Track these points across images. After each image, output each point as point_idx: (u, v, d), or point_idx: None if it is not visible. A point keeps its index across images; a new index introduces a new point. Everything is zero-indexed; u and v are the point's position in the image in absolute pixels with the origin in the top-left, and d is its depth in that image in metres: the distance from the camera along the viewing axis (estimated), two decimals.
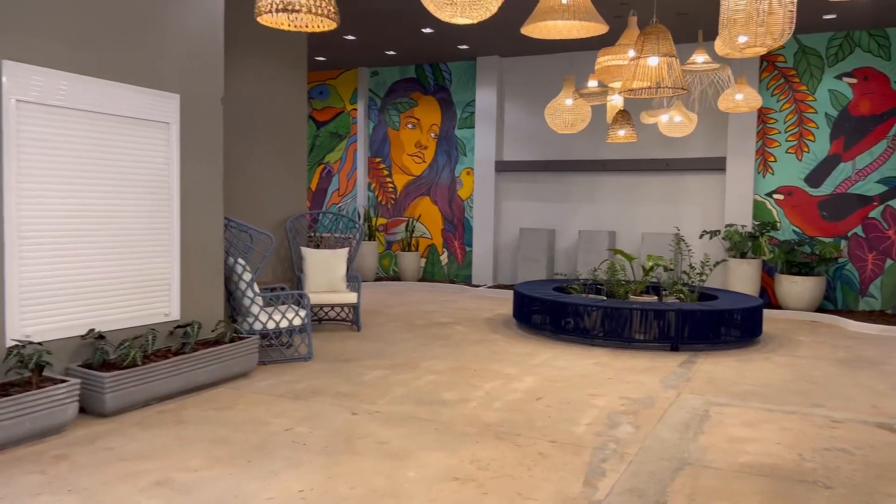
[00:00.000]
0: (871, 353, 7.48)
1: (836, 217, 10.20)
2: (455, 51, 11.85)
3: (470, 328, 8.51)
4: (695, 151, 11.04)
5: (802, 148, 10.38)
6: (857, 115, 10.05)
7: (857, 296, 10.15)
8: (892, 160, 9.86)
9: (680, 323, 7.41)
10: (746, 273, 10.15)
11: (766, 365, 6.84)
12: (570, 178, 11.96)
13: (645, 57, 5.17)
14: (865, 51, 9.96)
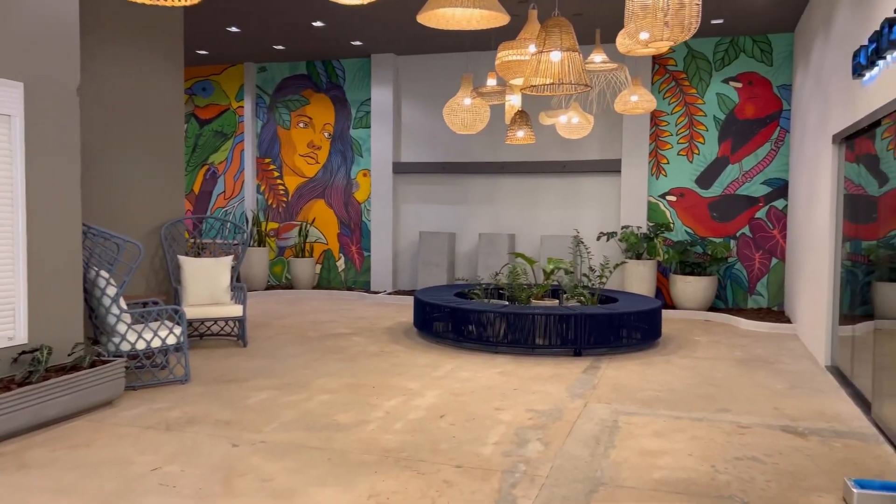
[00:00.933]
0: (764, 352, 7.60)
1: (726, 218, 10.46)
2: (348, 47, 11.33)
3: (368, 339, 8.03)
4: (591, 153, 11.05)
5: (693, 150, 10.58)
6: (744, 118, 10.34)
7: (747, 294, 10.44)
8: (775, 162, 10.21)
9: (582, 327, 7.25)
10: (642, 274, 10.23)
11: (668, 368, 6.78)
12: (469, 180, 11.71)
13: (547, 51, 4.90)
14: (749, 56, 10.27)
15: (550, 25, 4.94)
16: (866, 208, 6.15)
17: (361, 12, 9.31)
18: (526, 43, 5.62)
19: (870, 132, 5.69)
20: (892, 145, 6.10)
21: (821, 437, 4.74)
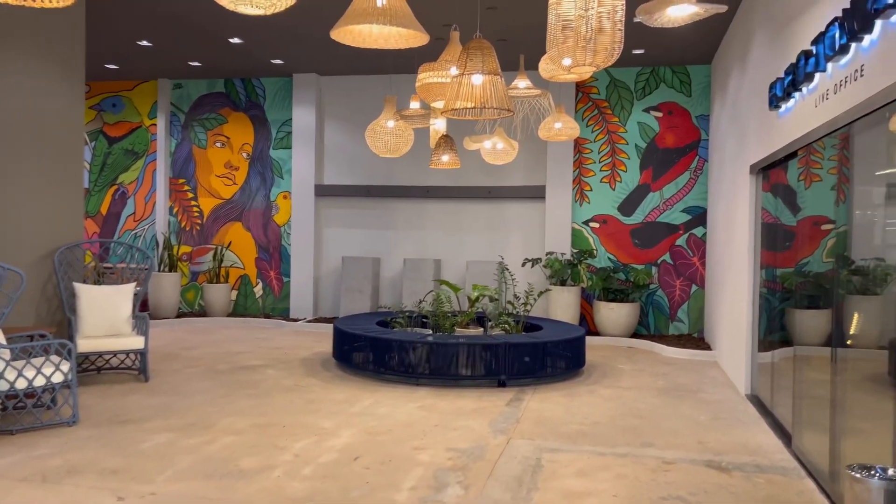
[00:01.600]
0: (687, 381, 7.59)
1: (647, 245, 10.56)
2: (269, 66, 10.95)
3: (283, 372, 7.60)
4: (516, 179, 10.99)
5: (615, 178, 10.67)
6: (664, 147, 10.51)
7: (668, 321, 10.53)
8: (694, 191, 10.39)
9: (507, 357, 7.06)
10: (567, 300, 10.17)
11: (592, 399, 6.64)
12: (394, 204, 11.44)
13: (469, 74, 4.72)
14: (669, 86, 10.47)
15: (472, 48, 4.77)
16: (781, 237, 6.23)
17: (281, 30, 8.98)
18: (447, 65, 5.44)
19: (785, 163, 5.76)
20: (803, 176, 6.25)
21: (744, 472, 4.65)
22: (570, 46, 4.07)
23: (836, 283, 5.81)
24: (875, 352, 4.58)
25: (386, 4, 4.10)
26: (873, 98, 3.45)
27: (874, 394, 4.53)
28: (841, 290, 6.13)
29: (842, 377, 4.71)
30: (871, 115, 3.62)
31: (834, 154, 5.14)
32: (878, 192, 5.31)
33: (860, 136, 4.38)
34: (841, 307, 5.56)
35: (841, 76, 3.97)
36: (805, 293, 6.31)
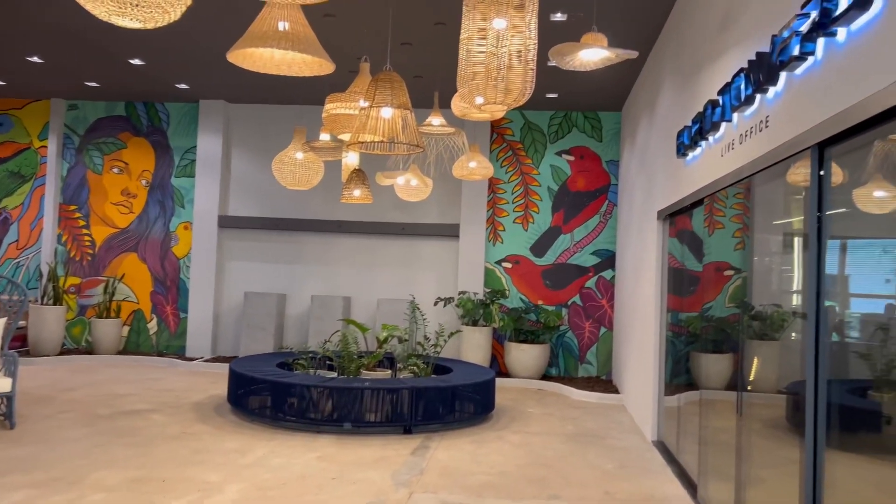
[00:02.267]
0: (595, 426, 7.51)
1: (558, 286, 10.57)
2: (173, 90, 10.43)
3: (171, 417, 7.01)
4: (430, 217, 10.84)
5: (528, 219, 10.68)
6: (575, 190, 10.62)
7: (577, 363, 10.52)
8: (604, 234, 10.52)
9: (414, 402, 6.77)
10: (478, 341, 10.00)
11: (500, 446, 6.43)
12: (303, 238, 11.04)
13: (378, 107, 4.51)
14: (581, 131, 10.64)
15: (382, 80, 4.57)
16: (687, 282, 6.28)
17: (187, 53, 8.55)
18: (355, 96, 5.22)
19: (691, 210, 5.82)
20: (707, 223, 6.36)
21: None
22: (481, 84, 3.94)
23: (737, 328, 5.91)
24: (774, 396, 4.59)
25: (288, 29, 3.85)
26: (777, 150, 3.45)
27: (775, 440, 4.52)
28: (742, 335, 6.23)
29: (744, 423, 4.69)
30: (774, 166, 3.64)
31: (735, 202, 5.22)
32: (776, 241, 5.45)
33: (760, 186, 4.44)
34: (742, 352, 5.64)
35: (746, 126, 4.00)
36: (708, 338, 6.39)
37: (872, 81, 2.56)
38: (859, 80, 2.65)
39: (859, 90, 2.65)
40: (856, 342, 4.08)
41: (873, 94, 2.54)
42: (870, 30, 2.58)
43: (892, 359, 3.24)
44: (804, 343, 3.17)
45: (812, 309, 3.11)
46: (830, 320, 3.14)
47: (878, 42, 2.52)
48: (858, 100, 2.64)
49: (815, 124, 3.02)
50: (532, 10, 3.88)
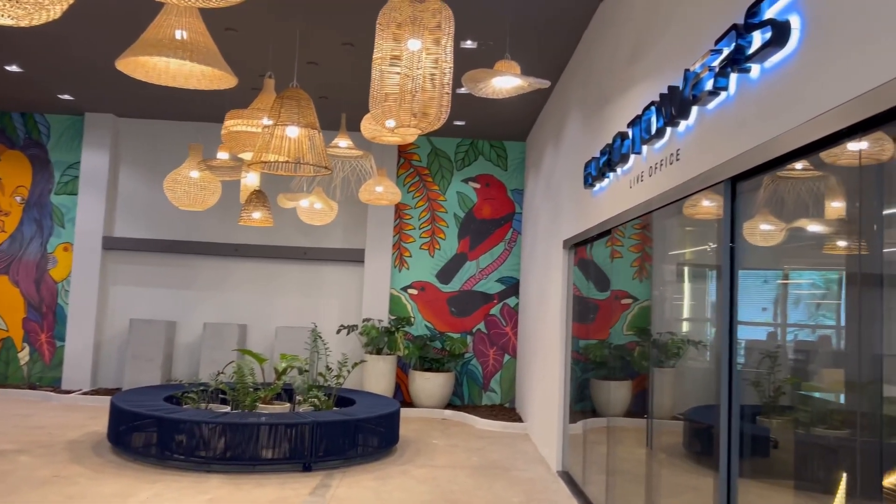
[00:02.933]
0: (500, 456, 7.40)
1: (463, 313, 10.49)
2: (56, 101, 9.67)
3: (41, 458, 6.33)
4: (334, 241, 10.53)
5: (434, 245, 10.58)
6: (481, 217, 10.63)
7: (481, 390, 10.44)
8: (508, 261, 10.56)
9: (314, 437, 6.42)
10: (382, 370, 9.74)
11: (405, 482, 6.18)
12: (196, 262, 10.44)
13: (283, 125, 4.26)
14: (487, 159, 10.70)
15: (288, 97, 4.33)
16: (589, 310, 6.34)
17: (72, 61, 7.94)
18: (258, 114, 4.94)
19: (596, 240, 5.87)
20: (614, 254, 6.46)
21: None
22: (395, 106, 3.78)
23: (637, 356, 6.02)
24: (675, 423, 4.63)
25: (186, 38, 3.56)
26: (689, 182, 3.48)
27: (675, 467, 4.56)
28: (644, 363, 6.35)
29: (647, 451, 4.70)
30: (681, 199, 3.67)
31: (636, 234, 5.31)
32: (673, 271, 5.62)
33: (658, 217, 4.51)
34: (643, 380, 5.74)
35: (657, 159, 4.03)
36: (610, 365, 6.47)
37: (786, 118, 2.59)
38: (774, 117, 2.68)
39: (774, 126, 2.67)
40: (745, 369, 4.24)
41: (788, 130, 2.56)
42: (784, 67, 2.61)
43: (780, 385, 3.32)
44: (718, 371, 3.16)
45: (725, 337, 3.11)
46: (723, 348, 3.16)
47: (792, 79, 2.55)
48: (773, 136, 2.67)
49: (728, 159, 3.05)
50: (448, 32, 3.77)
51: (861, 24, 2.18)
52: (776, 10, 2.62)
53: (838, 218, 2.91)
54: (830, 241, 3.38)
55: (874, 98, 2.07)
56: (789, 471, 3.36)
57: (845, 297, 3.63)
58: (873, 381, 3.28)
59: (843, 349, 3.34)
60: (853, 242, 2.87)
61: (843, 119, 2.24)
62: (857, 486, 2.86)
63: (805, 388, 3.64)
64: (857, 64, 2.18)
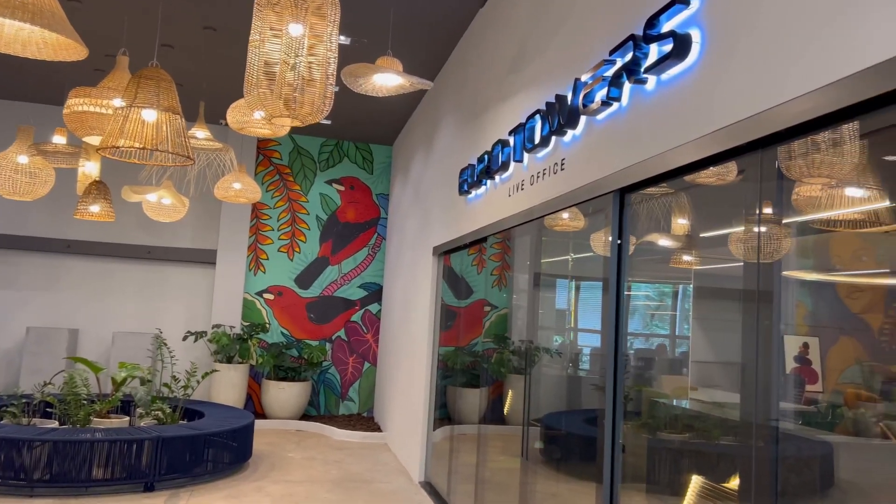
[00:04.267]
0: (360, 468, 7.15)
1: (323, 320, 10.12)
2: None
3: None
4: (182, 240, 9.77)
5: (294, 248, 10.13)
6: (345, 220, 10.33)
7: (339, 400, 10.12)
8: (372, 267, 10.34)
9: (157, 453, 5.84)
10: (233, 380, 9.14)
11: (259, 500, 5.77)
12: (19, 259, 9.27)
13: (139, 108, 3.79)
14: (353, 162, 10.42)
15: (146, 76, 3.87)
16: (455, 318, 6.30)
17: None
18: (109, 93, 4.39)
19: (466, 248, 5.83)
20: (476, 261, 6.50)
21: None
22: (273, 94, 3.48)
23: (496, 363, 6.10)
24: (532, 429, 4.67)
25: None
26: (576, 192, 3.47)
27: (535, 473, 4.60)
28: (503, 370, 6.42)
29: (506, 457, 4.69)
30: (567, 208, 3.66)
31: (497, 242, 5.34)
32: (531, 280, 5.76)
33: (520, 229, 4.54)
34: (499, 386, 5.83)
35: (539, 168, 4.01)
36: (473, 372, 6.49)
37: (679, 133, 2.61)
38: (667, 131, 2.69)
39: (666, 140, 2.69)
40: (590, 374, 4.40)
41: (681, 145, 2.58)
42: (681, 81, 2.63)
43: (627, 392, 3.43)
44: (605, 380, 3.15)
45: (611, 347, 3.10)
46: (570, 354, 3.18)
47: (688, 94, 2.58)
48: (665, 149, 2.68)
49: (618, 170, 3.05)
50: (334, 20, 3.54)
51: (754, 45, 2.22)
52: (675, 22, 2.64)
53: (683, 234, 3.02)
54: (676, 256, 3.55)
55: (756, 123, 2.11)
56: (639, 474, 3.48)
57: (682, 308, 3.87)
58: (709, 387, 3.45)
59: (678, 357, 3.54)
60: (693, 257, 2.99)
61: (725, 142, 2.28)
62: (697, 488, 2.98)
63: (647, 394, 3.83)
64: (748, 85, 2.22)
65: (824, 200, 2.52)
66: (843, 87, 1.87)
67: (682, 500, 3.34)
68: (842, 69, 1.89)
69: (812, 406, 3.62)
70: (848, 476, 3.25)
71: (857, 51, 1.84)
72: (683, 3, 2.55)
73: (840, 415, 3.74)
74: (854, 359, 4.28)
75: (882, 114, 1.85)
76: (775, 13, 2.16)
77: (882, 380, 3.95)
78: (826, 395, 3.85)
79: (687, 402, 3.70)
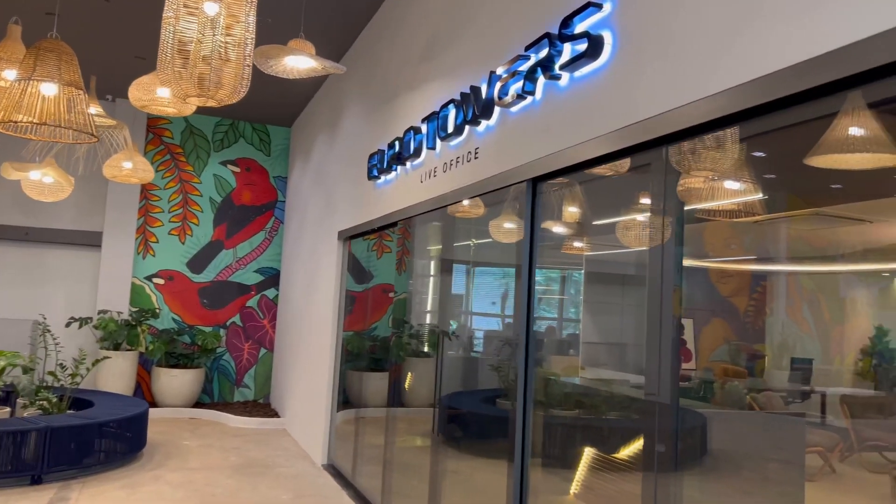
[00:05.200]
0: (260, 454, 7.10)
1: (217, 305, 9.86)
2: None
3: None
4: (64, 222, 9.21)
5: (186, 231, 9.79)
6: (240, 203, 10.08)
7: (234, 387, 9.91)
8: (269, 251, 10.16)
9: (44, 445, 5.56)
10: (121, 368, 8.75)
11: (158, 489, 5.63)
12: None
13: (39, 80, 3.60)
14: (249, 143, 10.17)
15: (46, 48, 3.67)
16: (360, 302, 6.40)
17: None
18: (1, 65, 4.12)
19: (377, 232, 5.91)
20: (376, 247, 6.67)
21: None
22: (187, 74, 3.43)
23: (397, 346, 6.31)
24: (430, 410, 4.89)
25: None
26: (490, 180, 3.63)
27: (437, 453, 4.84)
28: (401, 353, 6.62)
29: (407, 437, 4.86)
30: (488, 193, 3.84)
31: (401, 228, 5.49)
32: (431, 265, 6.00)
33: (422, 216, 4.72)
34: (399, 369, 6.05)
35: (453, 156, 4.15)
36: (374, 356, 6.63)
37: (591, 128, 2.82)
38: (579, 125, 2.90)
39: (578, 134, 2.90)
40: (485, 356, 4.72)
41: (592, 139, 2.79)
42: (593, 79, 2.84)
43: (516, 371, 3.72)
44: (517, 363, 3.34)
45: (523, 331, 3.30)
46: (521, 341, 3.38)
47: (601, 90, 2.79)
48: (577, 142, 2.89)
49: (531, 160, 3.24)
50: (251, 0, 3.51)
51: (658, 50, 2.45)
52: (589, 24, 2.84)
53: (574, 222, 3.30)
54: (567, 242, 3.86)
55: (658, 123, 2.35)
56: (535, 450, 3.79)
57: (575, 291, 4.25)
58: (597, 366, 3.80)
59: (566, 338, 3.87)
60: (584, 244, 3.28)
61: (629, 138, 2.52)
62: (588, 460, 3.31)
63: (540, 373, 4.16)
64: (651, 88, 2.46)
65: (705, 193, 2.83)
66: (726, 97, 2.13)
67: (575, 471, 3.66)
68: (725, 81, 2.14)
69: (687, 382, 4.06)
70: (720, 445, 3.67)
71: (739, 67, 2.09)
72: (596, 6, 2.76)
73: (712, 389, 4.19)
74: (723, 338, 4.77)
75: (759, 121, 2.12)
76: (678, 24, 2.40)
77: (747, 357, 4.47)
78: (699, 372, 4.31)
79: (577, 380, 4.07)
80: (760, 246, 2.97)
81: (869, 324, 3.69)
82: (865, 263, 3.38)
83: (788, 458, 2.67)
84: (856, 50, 1.73)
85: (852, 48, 1.74)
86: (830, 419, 2.57)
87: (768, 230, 2.76)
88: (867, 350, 3.88)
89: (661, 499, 2.48)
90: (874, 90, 1.77)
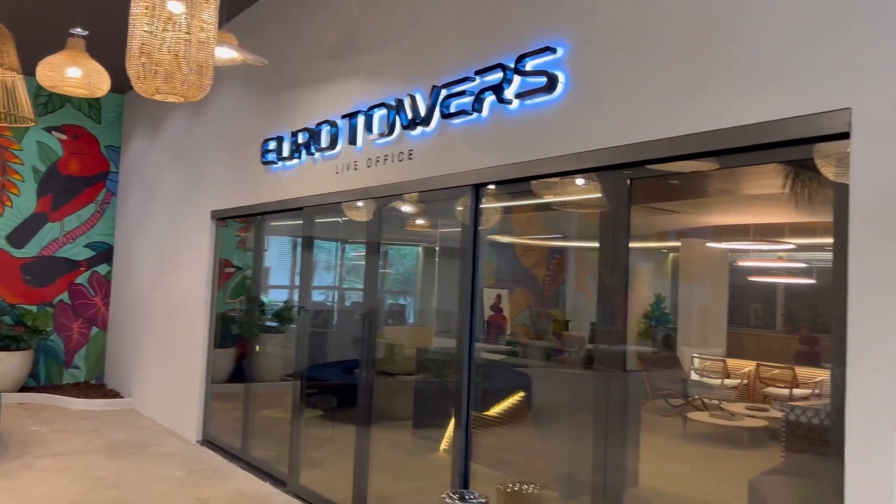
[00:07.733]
0: (124, 435, 6.99)
1: (42, 282, 9.16)
2: None
3: None
4: None
5: (5, 202, 8.93)
6: (67, 174, 9.38)
7: (62, 368, 9.32)
8: (100, 225, 9.59)
9: None
10: None
11: (38, 477, 5.45)
12: None
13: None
14: (77, 109, 9.45)
15: None
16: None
17: None
18: None
19: (273, 215, 6.12)
20: (241, 243, 7.08)
21: None
22: (153, 69, 3.57)
23: (248, 322, 6.87)
24: (297, 382, 5.47)
25: None
26: (430, 180, 4.17)
27: (311, 424, 5.54)
28: (255, 329, 7.02)
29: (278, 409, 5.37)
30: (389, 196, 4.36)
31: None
32: (279, 242, 6.70)
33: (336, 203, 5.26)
34: (251, 343, 6.59)
35: (379, 153, 4.60)
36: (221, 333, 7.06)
37: (538, 148, 3.49)
38: (528, 143, 3.56)
39: (524, 151, 3.55)
40: (343, 330, 5.60)
41: (541, 158, 3.47)
42: (545, 107, 3.50)
43: (374, 343, 4.58)
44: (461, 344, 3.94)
45: (467, 310, 3.91)
46: (465, 319, 4.00)
47: (551, 118, 3.46)
48: (525, 159, 3.55)
49: (476, 168, 3.84)
50: None
51: (599, 94, 3.19)
52: (542, 62, 3.49)
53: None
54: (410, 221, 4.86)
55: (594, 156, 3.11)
56: (389, 414, 4.76)
57: (420, 269, 5.40)
58: (438, 335, 4.83)
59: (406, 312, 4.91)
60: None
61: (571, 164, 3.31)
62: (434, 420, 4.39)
63: (385, 344, 5.11)
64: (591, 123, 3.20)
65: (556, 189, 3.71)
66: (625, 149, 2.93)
67: (408, 428, 4.67)
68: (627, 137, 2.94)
69: (505, 345, 5.14)
70: (537, 400, 4.71)
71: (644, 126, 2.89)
72: (552, 51, 3.42)
73: (519, 352, 5.25)
74: (525, 305, 5.90)
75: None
76: (612, 76, 3.15)
77: (544, 321, 5.68)
78: (512, 336, 5.41)
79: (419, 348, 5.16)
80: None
81: (650, 292, 4.98)
82: (650, 242, 4.65)
83: (597, 407, 3.20)
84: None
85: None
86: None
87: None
88: (647, 314, 5.16)
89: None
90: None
